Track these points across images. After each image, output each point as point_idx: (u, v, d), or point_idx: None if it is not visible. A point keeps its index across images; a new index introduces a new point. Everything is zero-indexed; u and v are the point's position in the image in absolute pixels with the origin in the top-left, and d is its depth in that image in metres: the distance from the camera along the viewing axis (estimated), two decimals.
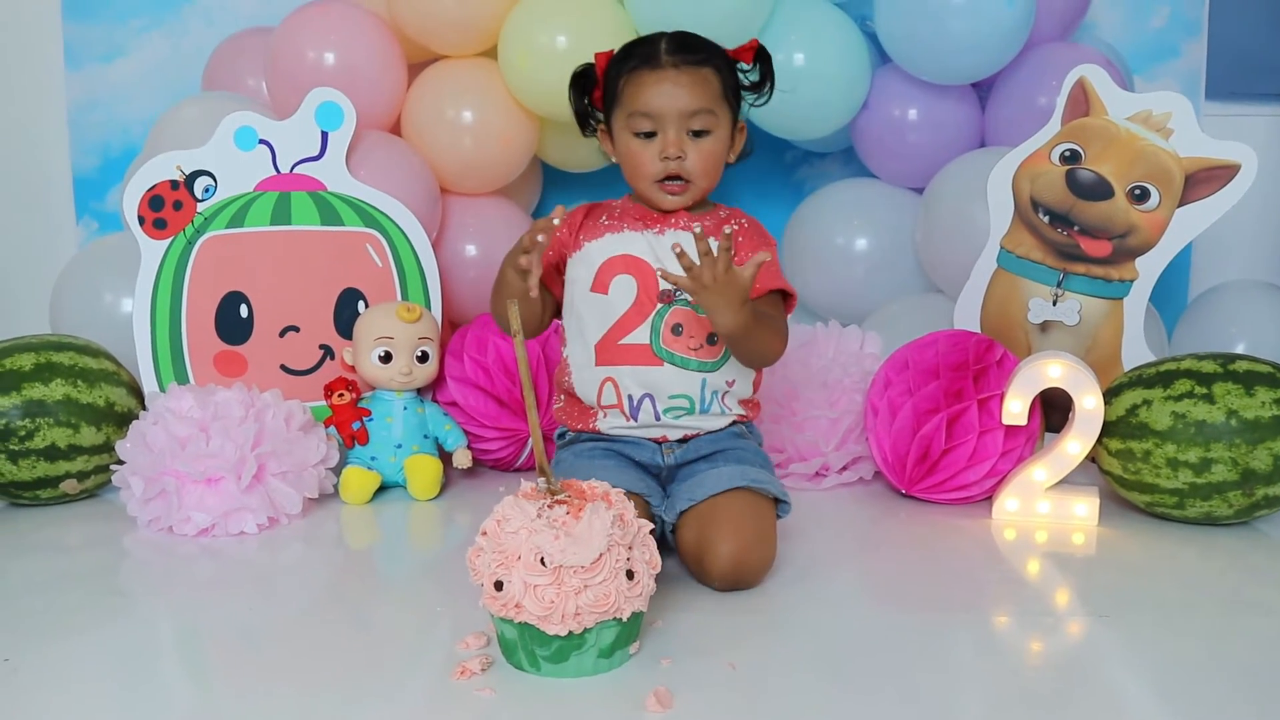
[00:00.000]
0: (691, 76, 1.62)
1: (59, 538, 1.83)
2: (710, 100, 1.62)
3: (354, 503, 1.97)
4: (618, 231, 1.69)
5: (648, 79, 1.62)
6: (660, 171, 1.63)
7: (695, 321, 1.65)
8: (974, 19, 2.23)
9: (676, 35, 1.66)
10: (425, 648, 1.40)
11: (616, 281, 1.66)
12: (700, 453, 1.69)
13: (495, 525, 1.32)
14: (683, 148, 1.62)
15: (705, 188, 1.67)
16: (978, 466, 1.90)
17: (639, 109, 1.62)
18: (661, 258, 1.65)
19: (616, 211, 1.72)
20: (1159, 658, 1.39)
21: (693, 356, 1.65)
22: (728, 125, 1.66)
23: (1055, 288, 2.12)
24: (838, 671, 1.34)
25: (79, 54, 2.68)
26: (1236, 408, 1.77)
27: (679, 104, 1.61)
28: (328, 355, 2.12)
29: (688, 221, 1.68)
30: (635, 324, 1.65)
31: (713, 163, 1.65)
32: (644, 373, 1.66)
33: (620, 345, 1.66)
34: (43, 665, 1.36)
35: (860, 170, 2.56)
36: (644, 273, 1.66)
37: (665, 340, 1.65)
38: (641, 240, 1.67)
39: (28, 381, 1.90)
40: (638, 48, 1.66)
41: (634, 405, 1.67)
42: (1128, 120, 2.08)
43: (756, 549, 1.56)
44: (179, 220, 2.05)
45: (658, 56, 1.63)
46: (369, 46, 2.24)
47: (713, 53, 1.66)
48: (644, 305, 1.65)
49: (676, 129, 1.62)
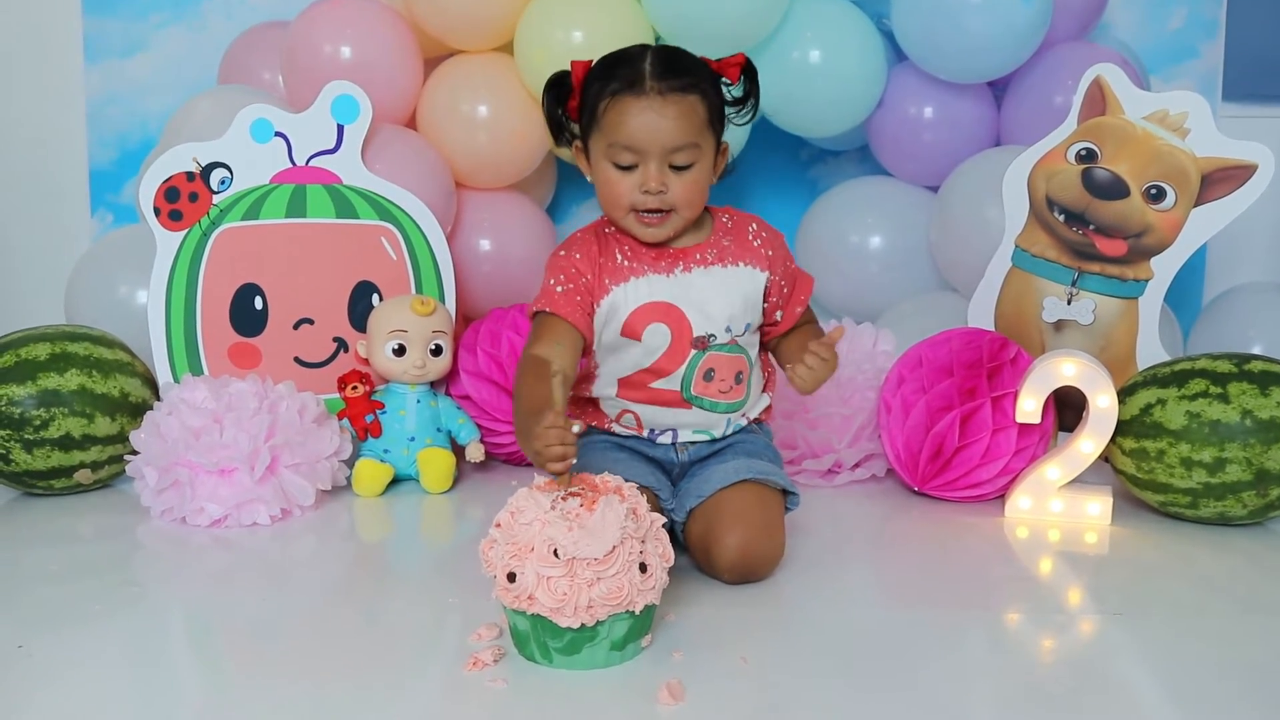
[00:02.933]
0: (677, 107, 1.52)
1: (72, 527, 1.84)
2: (695, 132, 1.53)
3: (367, 495, 1.98)
4: (641, 275, 1.60)
5: (631, 108, 1.52)
6: (639, 203, 1.55)
7: (727, 364, 1.63)
8: (991, 17, 2.22)
9: (662, 55, 1.56)
10: (438, 639, 1.41)
11: (650, 330, 1.60)
12: (714, 449, 1.69)
13: (509, 517, 1.32)
14: (665, 182, 1.54)
15: (688, 217, 1.59)
16: (991, 464, 1.90)
17: (620, 140, 1.53)
18: (692, 299, 1.59)
19: (628, 249, 1.62)
20: (1171, 657, 1.38)
21: (721, 400, 1.64)
22: (711, 151, 1.58)
23: (1070, 286, 2.12)
24: (849, 667, 1.34)
25: (98, 48, 2.69)
26: (1251, 408, 1.76)
27: (663, 139, 1.52)
28: (341, 348, 2.12)
29: (720, 254, 1.62)
30: (669, 370, 1.61)
31: (696, 193, 1.57)
32: (670, 414, 1.65)
33: (651, 389, 1.63)
34: (56, 654, 1.37)
35: (875, 168, 2.56)
36: (677, 319, 1.60)
37: (696, 386, 1.62)
38: (669, 284, 1.60)
39: (43, 371, 1.90)
40: (620, 68, 1.55)
41: (654, 433, 1.67)
42: (1144, 120, 2.07)
43: (763, 539, 1.56)
44: (194, 212, 2.06)
45: (642, 82, 1.52)
46: (385, 40, 2.24)
47: (700, 75, 1.56)
48: (679, 351, 1.60)
49: (659, 163, 1.53)
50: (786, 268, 1.67)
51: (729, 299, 1.61)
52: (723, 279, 1.61)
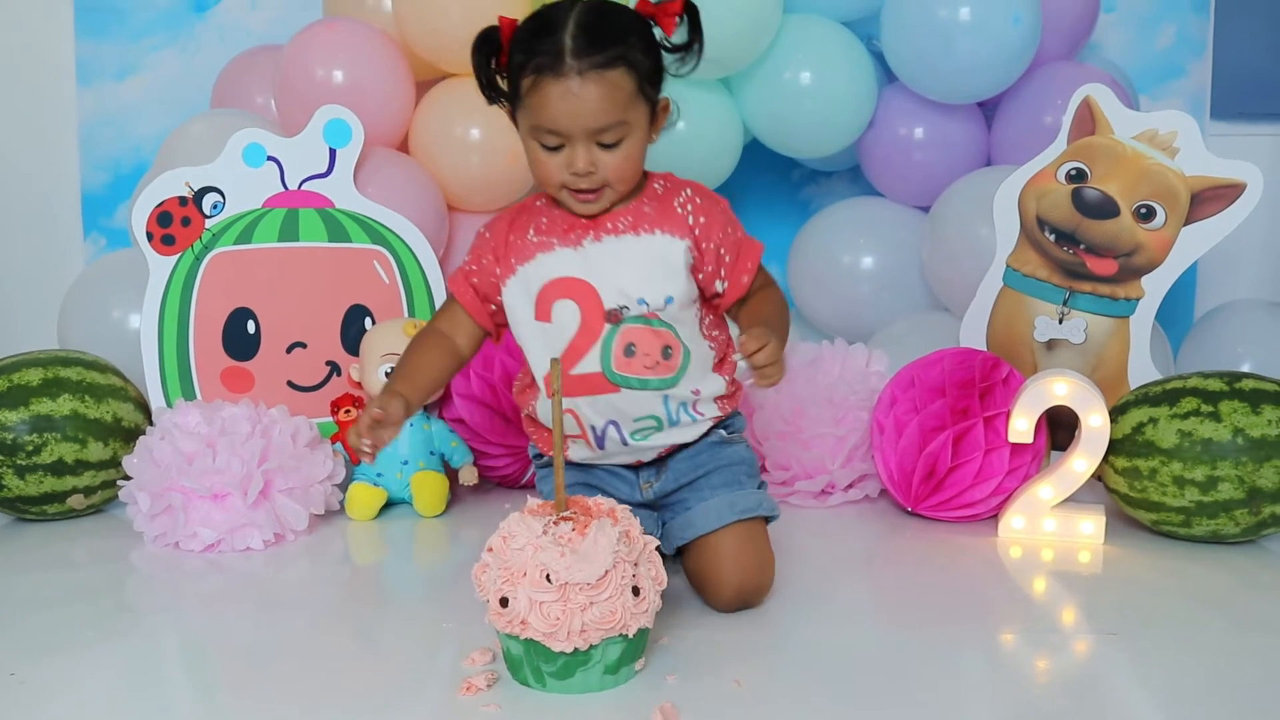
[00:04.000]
0: (598, 87, 1.42)
1: (65, 553, 1.84)
2: (622, 109, 1.44)
3: (360, 519, 1.97)
4: (549, 250, 1.53)
5: (551, 91, 1.43)
6: (569, 183, 1.48)
7: (648, 338, 1.52)
8: (980, 38, 2.24)
9: (583, 23, 1.44)
10: (431, 664, 1.40)
11: (558, 307, 1.52)
12: (680, 481, 1.60)
13: (501, 542, 1.32)
14: (593, 161, 1.46)
15: (623, 190, 1.50)
16: (984, 484, 1.90)
17: (543, 124, 1.45)
18: (603, 272, 1.51)
19: (544, 223, 1.55)
20: (1166, 676, 1.38)
21: (650, 376, 1.53)
22: (645, 119, 1.48)
23: (1061, 306, 2.13)
24: (844, 688, 1.34)
25: (91, 71, 2.69)
26: (1243, 426, 1.77)
27: (586, 122, 1.43)
28: (334, 372, 2.13)
29: (635, 221, 1.52)
30: (583, 350, 1.52)
31: (630, 166, 1.48)
32: (601, 401, 1.53)
33: (571, 376, 1.52)
34: (49, 680, 1.36)
35: (866, 189, 2.57)
36: (585, 294, 1.51)
37: (618, 363, 1.52)
38: (577, 257, 1.52)
39: (35, 397, 1.90)
40: (541, 40, 1.44)
41: (598, 435, 1.56)
42: (1133, 139, 2.08)
43: (757, 576, 1.56)
44: (187, 236, 2.06)
45: (561, 61, 1.42)
46: (377, 64, 2.25)
47: (625, 42, 1.44)
48: (590, 329, 1.51)
49: (585, 144, 1.45)
50: (726, 235, 1.54)
51: (641, 269, 1.51)
52: (635, 247, 1.51)
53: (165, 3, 2.68)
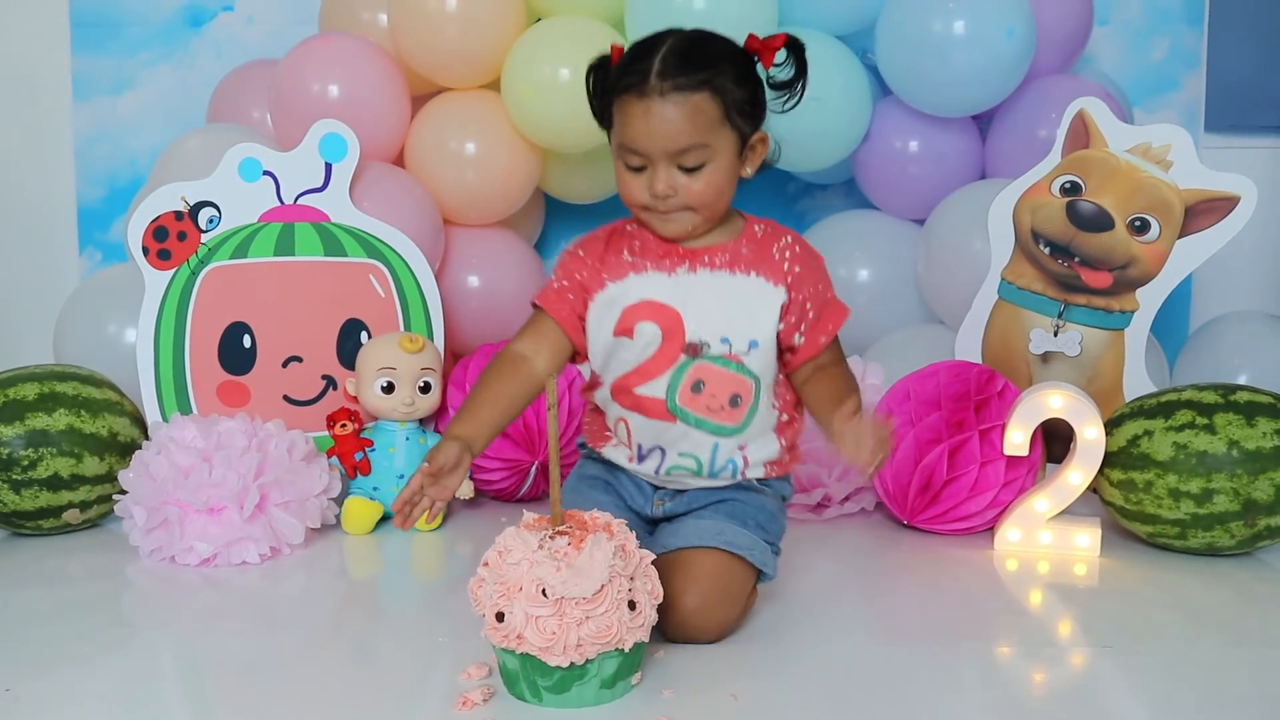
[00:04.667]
0: (680, 108, 1.44)
1: (61, 568, 1.83)
2: (703, 133, 1.45)
3: (356, 533, 1.97)
4: (641, 272, 1.53)
5: (634, 110, 1.45)
6: (650, 204, 1.49)
7: (718, 379, 1.51)
8: (974, 52, 2.24)
9: (677, 48, 1.46)
10: (427, 678, 1.40)
11: (640, 328, 1.51)
12: (692, 505, 1.58)
13: (497, 556, 1.32)
14: (673, 185, 1.47)
15: (707, 216, 1.50)
16: (979, 497, 1.90)
17: (626, 143, 1.47)
18: (691, 304, 1.51)
19: (637, 245, 1.55)
20: (1162, 689, 1.39)
21: (708, 418, 1.52)
22: (731, 148, 1.48)
23: (1056, 319, 2.13)
24: (840, 702, 1.34)
25: (87, 86, 2.70)
26: (1238, 438, 1.77)
27: (665, 143, 1.44)
28: (330, 386, 2.13)
29: (732, 260, 1.53)
30: (654, 374, 1.52)
31: (712, 193, 1.48)
32: (655, 426, 1.54)
33: (636, 394, 1.53)
34: (45, 695, 1.36)
35: (862, 202, 2.57)
36: (670, 320, 1.51)
37: (682, 396, 1.51)
38: (668, 283, 1.52)
39: (31, 411, 1.90)
40: (635, 61, 1.47)
41: (642, 453, 1.57)
42: (1127, 152, 2.09)
43: (717, 608, 1.48)
44: (183, 251, 2.06)
45: (647, 80, 1.44)
46: (373, 79, 2.26)
47: (715, 69, 1.45)
48: (667, 355, 1.51)
49: (665, 167, 1.46)
50: (816, 290, 1.54)
51: (731, 308, 1.51)
52: (730, 285, 1.52)
53: (161, 18, 2.68)
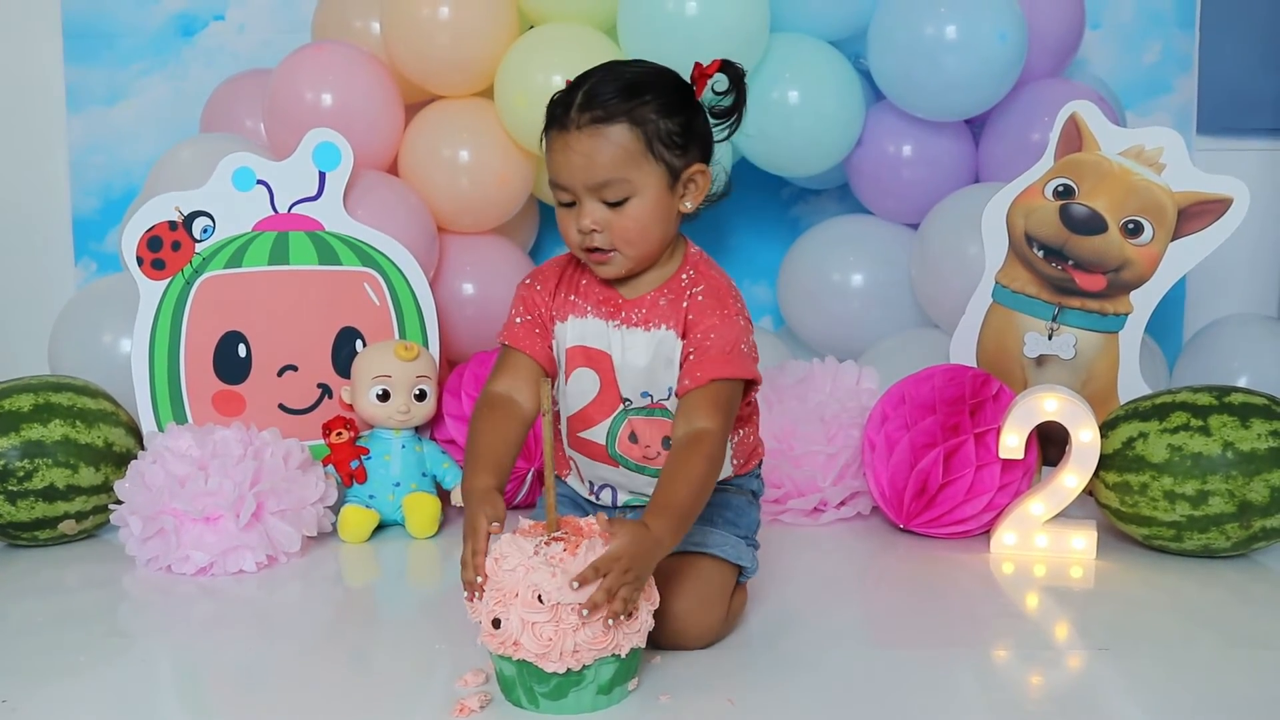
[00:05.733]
0: (595, 141, 1.41)
1: (58, 578, 1.83)
2: (621, 166, 1.42)
3: (352, 541, 1.97)
4: (581, 316, 1.52)
5: (556, 144, 1.45)
6: (582, 242, 1.46)
7: (649, 428, 1.52)
8: (967, 56, 2.25)
9: (600, 79, 1.46)
10: (424, 685, 1.40)
11: (577, 375, 1.53)
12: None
13: (493, 563, 1.32)
14: (598, 220, 1.44)
15: (637, 256, 1.47)
16: (975, 500, 1.90)
17: (552, 177, 1.46)
18: (625, 357, 1.50)
19: (582, 285, 1.54)
20: (1159, 691, 1.39)
21: (647, 465, 1.53)
22: (659, 181, 1.44)
23: (1050, 322, 2.13)
24: (836, 706, 1.34)
25: (80, 97, 2.70)
26: (1232, 440, 1.77)
27: (583, 176, 1.43)
28: (326, 394, 2.13)
29: (648, 314, 1.49)
30: (593, 421, 1.53)
31: (638, 230, 1.44)
32: (601, 469, 1.56)
33: (580, 437, 1.55)
34: (42, 706, 1.36)
35: (855, 206, 2.57)
36: (604, 368, 1.51)
37: (620, 445, 1.53)
38: (605, 330, 1.51)
39: (26, 422, 1.90)
40: (564, 95, 1.46)
41: (595, 489, 1.60)
42: (1120, 155, 2.09)
43: (700, 612, 1.47)
44: (177, 261, 2.06)
45: (568, 114, 1.43)
46: (366, 87, 2.26)
47: (636, 99, 1.43)
48: (605, 403, 1.52)
49: (590, 201, 1.44)
50: (706, 339, 1.46)
51: (650, 362, 1.49)
52: (646, 341, 1.50)
53: (153, 28, 2.68)
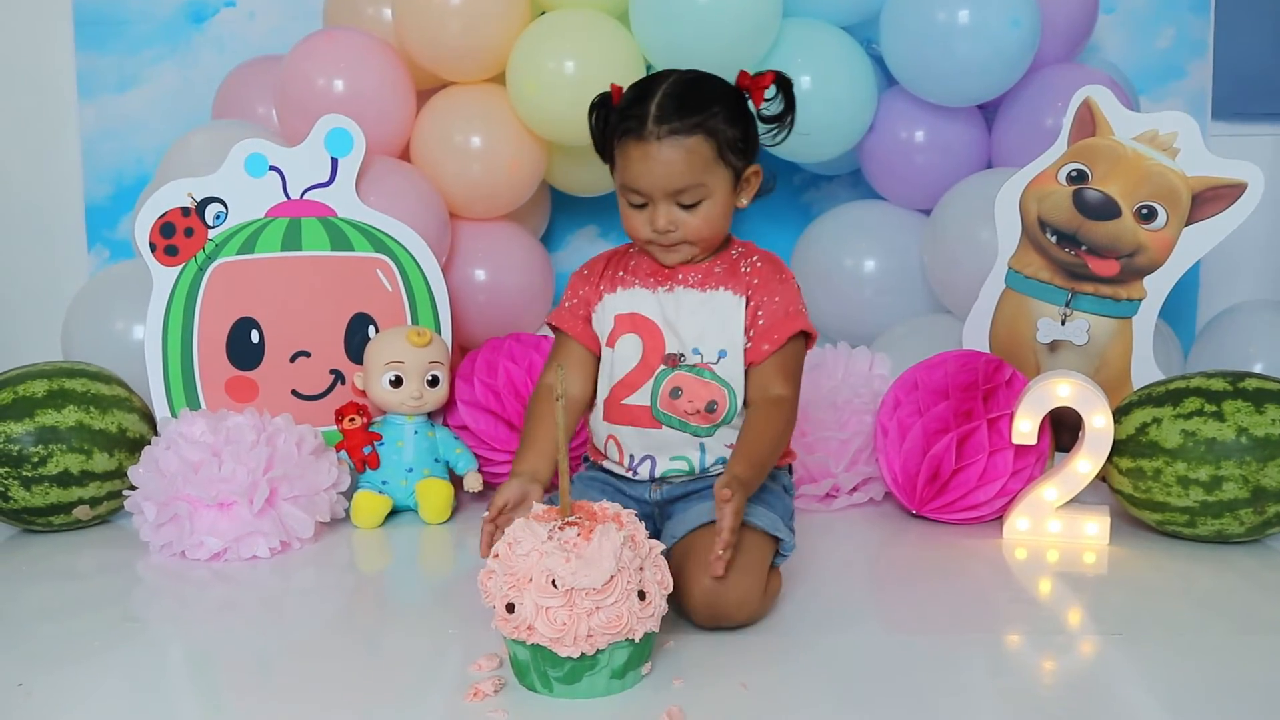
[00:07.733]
0: (676, 150, 1.53)
1: (71, 564, 1.84)
2: (699, 173, 1.54)
3: (365, 527, 1.98)
4: (630, 288, 1.64)
5: (634, 153, 1.55)
6: (654, 237, 1.58)
7: (696, 386, 1.59)
8: (980, 41, 2.24)
9: (672, 92, 1.55)
10: (438, 670, 1.40)
11: (623, 341, 1.62)
12: (690, 489, 1.61)
13: (506, 548, 1.32)
14: (673, 220, 1.56)
15: (706, 247, 1.61)
16: (988, 486, 1.90)
17: (628, 183, 1.56)
18: (669, 319, 1.60)
19: (631, 264, 1.66)
20: (1172, 677, 1.38)
21: (689, 421, 1.59)
22: (726, 183, 1.58)
23: (1063, 307, 2.13)
24: (850, 691, 1.34)
25: (92, 84, 2.70)
26: (1246, 425, 1.77)
27: (664, 184, 1.54)
28: (338, 380, 2.13)
29: (703, 279, 1.61)
30: (637, 384, 1.61)
31: (709, 226, 1.58)
32: (645, 434, 1.61)
33: (623, 405, 1.62)
34: (56, 691, 1.37)
35: (868, 192, 2.57)
36: (651, 333, 1.61)
37: (663, 403, 1.59)
38: (652, 300, 1.62)
39: (40, 408, 1.91)
40: (633, 106, 1.56)
41: (634, 463, 1.63)
42: (1134, 140, 2.08)
43: (736, 580, 1.46)
44: (190, 247, 2.07)
45: (644, 126, 1.53)
46: (378, 73, 2.25)
47: (708, 111, 1.55)
48: (648, 366, 1.60)
49: (665, 204, 1.55)
50: (772, 301, 1.60)
51: (702, 321, 1.60)
52: (701, 300, 1.61)
53: (164, 14, 2.68)
